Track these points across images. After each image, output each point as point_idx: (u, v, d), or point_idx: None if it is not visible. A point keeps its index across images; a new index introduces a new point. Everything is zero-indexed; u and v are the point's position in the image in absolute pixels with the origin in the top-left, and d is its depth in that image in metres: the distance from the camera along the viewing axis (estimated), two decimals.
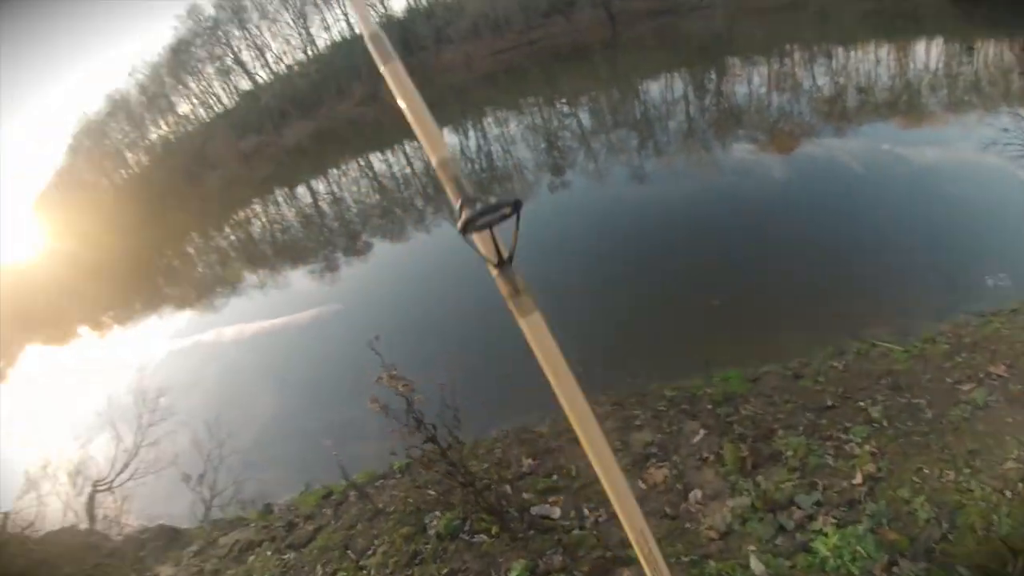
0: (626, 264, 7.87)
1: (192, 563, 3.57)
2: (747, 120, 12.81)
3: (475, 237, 0.91)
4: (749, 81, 15.50)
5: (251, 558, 3.04)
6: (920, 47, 14.08)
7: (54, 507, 7.85)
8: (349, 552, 2.62)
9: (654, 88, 18.86)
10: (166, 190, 42.70)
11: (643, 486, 2.87)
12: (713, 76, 17.87)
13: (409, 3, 45.34)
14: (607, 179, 12.52)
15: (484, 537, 2.50)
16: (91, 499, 7.61)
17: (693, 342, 5.49)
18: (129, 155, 53.03)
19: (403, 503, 2.89)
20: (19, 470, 8.87)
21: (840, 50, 15.76)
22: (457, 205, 0.89)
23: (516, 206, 0.89)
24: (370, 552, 2.62)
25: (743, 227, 7.74)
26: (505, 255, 0.93)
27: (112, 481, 7.75)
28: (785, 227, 7.46)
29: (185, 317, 16.17)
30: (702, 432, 3.19)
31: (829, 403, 3.34)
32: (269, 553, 2.98)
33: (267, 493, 5.41)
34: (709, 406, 3.46)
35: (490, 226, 0.89)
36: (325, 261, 14.98)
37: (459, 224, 0.88)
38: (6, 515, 8.36)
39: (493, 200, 0.88)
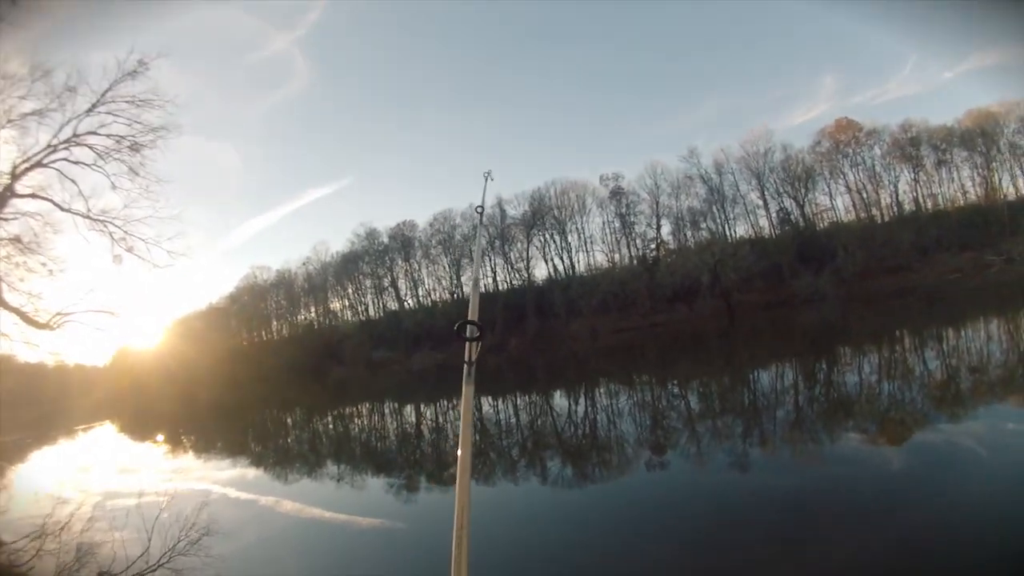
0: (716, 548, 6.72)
1: None
2: (857, 410, 11.98)
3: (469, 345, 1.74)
4: (859, 370, 14.88)
5: None
6: None
7: (48, 564, 8.04)
8: None
9: (764, 377, 18.58)
10: (291, 365, 47.53)
11: None
12: (823, 366, 17.40)
13: (550, 274, 52.07)
14: (708, 464, 11.74)
15: None
16: None
17: None
18: (275, 323, 62.39)
19: None
20: (41, 513, 9.57)
21: (950, 331, 15.09)
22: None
23: (483, 330, 1.75)
24: None
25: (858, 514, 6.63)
26: (473, 357, 1.73)
27: None
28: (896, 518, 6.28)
29: (255, 474, 16.64)
30: None
31: None
32: None
33: None
34: None
35: (469, 337, 1.75)
36: (407, 480, 14.66)
37: (456, 325, 1.74)
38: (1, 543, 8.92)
39: (476, 322, 1.77)
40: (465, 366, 1.69)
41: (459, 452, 1.46)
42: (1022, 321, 13.83)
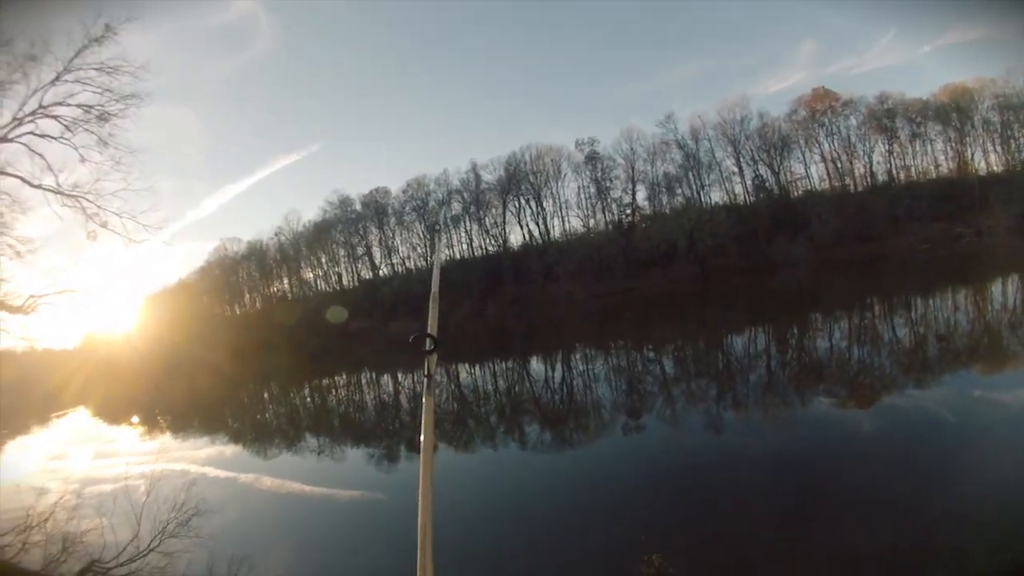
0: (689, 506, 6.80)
1: None
2: (827, 374, 12.24)
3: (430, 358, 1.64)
4: (830, 335, 15.21)
5: None
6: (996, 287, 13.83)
7: (34, 556, 7.73)
8: None
9: (738, 341, 18.79)
10: (266, 338, 46.48)
11: None
12: (795, 330, 17.71)
13: (524, 239, 51.38)
14: (684, 427, 11.40)
15: None
16: (81, 573, 7.20)
17: None
18: (247, 296, 60.23)
19: None
20: (24, 505, 9.29)
21: (919, 299, 15.59)
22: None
23: (436, 342, 1.66)
24: None
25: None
26: (431, 370, 1.64)
27: (110, 568, 7.36)
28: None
29: (233, 451, 16.59)
30: None
31: None
32: None
33: None
34: None
35: (427, 350, 1.64)
36: (386, 450, 14.79)
37: (411, 338, 1.63)
38: None
39: (433, 334, 1.69)
40: (424, 379, 1.61)
41: (420, 467, 1.38)
42: (988, 292, 14.36)
